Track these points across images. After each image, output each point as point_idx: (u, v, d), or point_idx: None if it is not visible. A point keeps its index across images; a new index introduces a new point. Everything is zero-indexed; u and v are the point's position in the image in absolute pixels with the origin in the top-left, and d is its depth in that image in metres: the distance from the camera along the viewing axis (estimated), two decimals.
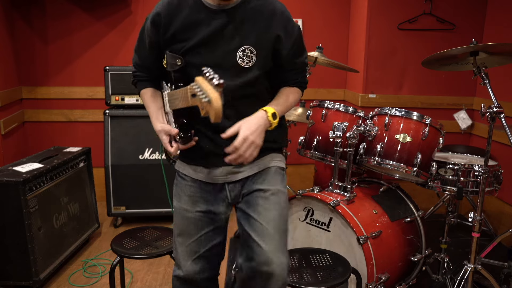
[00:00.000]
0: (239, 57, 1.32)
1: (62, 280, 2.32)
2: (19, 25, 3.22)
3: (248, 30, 1.32)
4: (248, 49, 1.33)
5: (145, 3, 3.29)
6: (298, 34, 1.41)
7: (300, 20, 3.39)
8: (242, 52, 1.32)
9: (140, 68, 1.49)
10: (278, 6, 1.36)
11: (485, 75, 1.76)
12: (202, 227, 1.43)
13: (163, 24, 1.34)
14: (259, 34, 1.33)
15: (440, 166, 2.09)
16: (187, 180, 1.46)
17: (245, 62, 1.33)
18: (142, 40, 1.43)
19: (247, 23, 1.33)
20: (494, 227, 2.94)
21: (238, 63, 1.33)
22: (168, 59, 1.33)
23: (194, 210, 1.43)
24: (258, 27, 1.33)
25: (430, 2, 3.07)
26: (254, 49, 1.33)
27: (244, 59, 1.33)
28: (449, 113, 3.28)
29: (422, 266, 2.14)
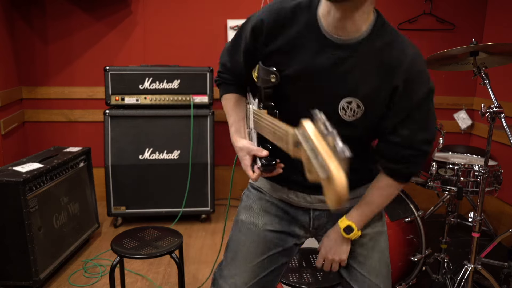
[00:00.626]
0: (341, 108, 1.07)
1: (62, 280, 2.32)
2: (19, 25, 3.21)
3: (362, 78, 1.04)
4: (355, 102, 1.06)
5: (145, 3, 3.29)
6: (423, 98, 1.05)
7: None
8: (347, 103, 1.06)
9: (228, 71, 1.30)
10: (408, 53, 1.03)
11: (485, 75, 1.77)
12: (270, 248, 1.25)
13: (265, 34, 1.10)
14: (374, 86, 1.04)
15: (440, 166, 2.09)
16: (265, 194, 1.30)
17: (347, 115, 1.07)
18: (238, 42, 1.21)
19: (363, 68, 1.04)
20: (494, 227, 2.94)
21: (338, 113, 1.07)
22: (260, 73, 1.10)
23: (266, 228, 1.26)
24: (375, 76, 1.04)
25: (430, 2, 3.07)
26: (363, 104, 1.06)
27: (347, 111, 1.07)
28: (449, 113, 3.28)
29: (422, 266, 2.14)
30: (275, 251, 1.26)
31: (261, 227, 1.27)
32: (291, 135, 0.82)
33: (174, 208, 2.96)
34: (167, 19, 3.32)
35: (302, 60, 1.06)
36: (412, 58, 1.03)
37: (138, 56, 3.32)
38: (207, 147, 2.97)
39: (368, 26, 1.03)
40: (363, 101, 1.06)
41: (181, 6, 3.31)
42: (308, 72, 1.06)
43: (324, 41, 1.04)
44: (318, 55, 1.05)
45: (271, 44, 1.10)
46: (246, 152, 1.16)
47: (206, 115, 2.96)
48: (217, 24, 3.35)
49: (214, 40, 3.38)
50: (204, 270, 2.45)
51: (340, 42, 1.03)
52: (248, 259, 1.23)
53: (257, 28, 1.10)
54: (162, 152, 2.93)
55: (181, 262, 1.81)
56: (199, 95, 2.94)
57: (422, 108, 1.06)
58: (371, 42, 1.03)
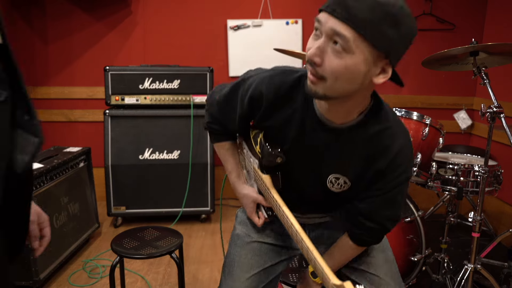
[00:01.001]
0: (329, 181, 1.12)
1: (62, 280, 2.32)
2: (19, 25, 3.21)
3: (350, 161, 1.08)
4: (342, 178, 1.11)
5: (145, 3, 3.29)
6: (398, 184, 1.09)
7: (300, 20, 3.39)
8: (335, 178, 1.11)
9: (218, 123, 1.29)
10: (396, 145, 1.05)
11: (485, 75, 1.76)
12: (266, 261, 1.26)
13: (263, 108, 1.12)
14: (361, 169, 1.08)
15: (440, 166, 2.09)
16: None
17: (334, 187, 1.13)
18: (232, 104, 1.20)
19: (353, 152, 1.07)
20: (494, 227, 2.94)
21: (326, 185, 1.13)
22: (265, 153, 1.13)
23: (262, 241, 1.28)
24: (363, 161, 1.07)
25: (430, 2, 3.07)
26: (350, 181, 1.11)
27: (334, 184, 1.12)
28: (449, 113, 3.28)
29: (422, 266, 2.14)
30: (272, 263, 1.27)
31: (257, 239, 1.29)
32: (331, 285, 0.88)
33: (174, 208, 2.96)
34: (167, 19, 3.32)
35: (296, 137, 1.10)
36: (398, 150, 1.05)
37: (138, 56, 3.32)
38: (207, 147, 2.97)
39: (361, 113, 1.04)
40: (350, 179, 1.11)
41: (181, 6, 3.31)
42: (300, 148, 1.11)
43: (317, 123, 1.07)
44: (311, 135, 1.08)
45: (269, 119, 1.13)
46: (251, 200, 1.24)
47: None
48: (217, 24, 3.35)
49: (214, 40, 3.38)
50: (204, 270, 2.45)
51: (332, 126, 1.05)
52: (245, 269, 1.23)
53: (255, 99, 1.11)
54: (162, 152, 2.93)
55: (181, 262, 1.81)
56: (199, 95, 2.94)
57: (394, 192, 1.10)
58: (362, 129, 1.04)
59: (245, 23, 3.36)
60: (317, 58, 0.90)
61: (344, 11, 0.86)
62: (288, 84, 1.08)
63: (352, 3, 0.85)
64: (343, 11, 0.86)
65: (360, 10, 0.85)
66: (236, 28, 3.35)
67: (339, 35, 0.87)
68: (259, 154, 1.17)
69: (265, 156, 1.14)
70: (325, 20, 0.89)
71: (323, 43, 0.90)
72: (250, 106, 1.13)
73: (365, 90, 0.99)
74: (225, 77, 3.43)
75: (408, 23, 0.89)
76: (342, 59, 0.89)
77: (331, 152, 1.09)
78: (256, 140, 1.18)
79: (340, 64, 0.89)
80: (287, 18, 3.38)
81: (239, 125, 1.22)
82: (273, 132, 1.14)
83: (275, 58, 3.24)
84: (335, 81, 0.91)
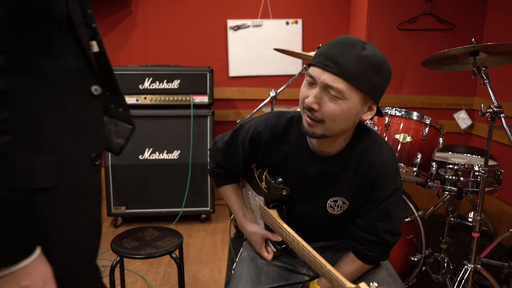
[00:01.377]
0: (329, 206, 1.25)
1: None
2: None
3: (344, 182, 1.21)
4: (340, 200, 1.24)
5: (145, 3, 3.29)
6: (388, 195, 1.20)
7: (300, 20, 3.39)
8: (333, 202, 1.25)
9: (222, 168, 1.41)
10: (380, 157, 1.19)
11: (485, 75, 1.76)
12: (274, 280, 1.29)
13: (263, 147, 1.25)
14: (355, 186, 1.21)
15: (440, 166, 2.09)
16: None
17: (335, 211, 1.26)
18: (233, 149, 1.33)
19: (345, 174, 1.21)
20: (494, 227, 2.94)
21: (327, 210, 1.26)
22: (271, 187, 1.25)
23: (271, 263, 1.34)
24: (355, 178, 1.20)
25: (430, 2, 3.07)
26: (347, 200, 1.24)
27: (334, 208, 1.26)
28: (449, 113, 3.28)
29: (422, 266, 2.14)
30: (278, 285, 1.29)
31: (264, 260, 1.34)
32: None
33: (174, 208, 2.96)
34: (167, 19, 3.32)
35: (295, 171, 1.24)
36: (383, 160, 1.18)
37: (138, 56, 3.32)
38: (207, 147, 2.97)
39: (347, 141, 1.19)
40: (347, 198, 1.23)
41: (181, 6, 3.31)
42: (300, 179, 1.24)
43: (311, 155, 1.21)
44: (307, 166, 1.22)
45: (268, 158, 1.26)
46: (259, 237, 1.32)
47: (206, 115, 2.96)
48: (217, 24, 3.35)
49: (214, 40, 3.38)
50: (204, 270, 2.45)
51: (324, 155, 1.20)
52: (251, 285, 1.25)
53: (255, 139, 1.25)
54: (162, 152, 2.93)
55: (181, 262, 1.81)
56: (199, 95, 2.94)
57: (386, 203, 1.20)
58: (349, 152, 1.19)
59: (245, 23, 3.36)
60: (316, 105, 1.05)
61: (335, 66, 1.01)
62: (282, 124, 1.23)
63: (342, 59, 1.01)
64: (334, 66, 1.01)
65: (349, 64, 1.01)
66: (236, 28, 3.35)
67: (333, 88, 1.02)
68: (265, 190, 1.27)
69: (271, 190, 1.25)
70: (318, 75, 1.04)
71: (319, 93, 1.05)
72: (251, 146, 1.26)
73: (354, 125, 1.15)
74: (225, 77, 3.43)
75: (387, 69, 1.07)
76: (338, 104, 1.04)
77: (326, 178, 1.22)
78: (261, 177, 1.29)
79: (336, 109, 1.05)
80: (287, 18, 3.38)
81: (242, 166, 1.34)
82: (274, 168, 1.26)
83: (275, 58, 3.25)
84: (333, 122, 1.07)
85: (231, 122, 3.40)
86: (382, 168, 1.18)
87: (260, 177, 1.29)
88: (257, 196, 1.35)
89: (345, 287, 0.97)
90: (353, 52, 1.02)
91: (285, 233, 1.23)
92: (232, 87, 3.46)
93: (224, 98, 3.45)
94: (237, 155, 1.32)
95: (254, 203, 1.38)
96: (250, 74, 3.45)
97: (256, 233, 1.33)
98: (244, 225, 1.37)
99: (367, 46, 1.04)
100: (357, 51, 1.02)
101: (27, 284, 0.65)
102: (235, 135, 1.32)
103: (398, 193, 1.22)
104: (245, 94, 3.46)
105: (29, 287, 0.65)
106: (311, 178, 1.22)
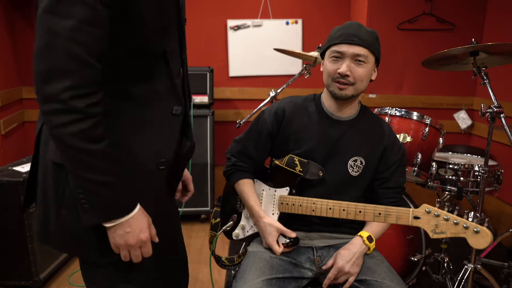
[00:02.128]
0: (350, 166, 1.42)
1: (62, 280, 2.32)
2: (19, 25, 3.21)
3: (361, 142, 1.43)
4: (359, 159, 1.43)
5: None
6: (403, 154, 1.48)
7: (300, 20, 3.39)
8: (353, 161, 1.43)
9: (243, 157, 1.52)
10: (385, 125, 1.50)
11: (485, 75, 1.76)
12: (278, 271, 1.34)
13: (285, 119, 1.45)
14: (369, 148, 1.44)
15: (440, 166, 2.09)
16: None
17: (354, 171, 1.43)
18: (257, 131, 1.49)
19: (361, 136, 1.44)
20: (494, 227, 2.94)
21: (348, 170, 1.42)
22: (309, 168, 1.39)
23: (276, 257, 1.39)
24: (369, 142, 1.44)
25: (430, 2, 3.07)
26: (364, 160, 1.43)
27: (354, 168, 1.43)
28: (449, 113, 3.28)
29: (422, 266, 2.14)
30: (283, 276, 1.34)
31: (270, 254, 1.40)
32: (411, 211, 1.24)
33: None
34: None
35: (315, 136, 1.43)
36: (389, 129, 1.50)
37: None
38: (207, 147, 2.97)
39: (357, 110, 1.47)
40: (365, 158, 1.44)
41: None
42: (322, 143, 1.42)
43: (329, 120, 1.44)
44: (328, 130, 1.43)
45: (290, 127, 1.45)
46: (275, 229, 1.39)
47: (206, 115, 2.97)
48: (217, 24, 3.35)
49: (214, 40, 3.38)
50: (204, 270, 2.45)
51: (341, 119, 1.44)
52: (256, 275, 1.30)
53: (279, 114, 1.45)
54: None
55: None
56: (199, 95, 2.94)
57: (403, 162, 1.49)
58: (360, 119, 1.47)
59: (245, 23, 3.36)
60: (349, 72, 1.35)
61: (359, 39, 1.34)
62: (300, 100, 1.50)
63: (360, 34, 1.34)
64: (358, 40, 1.34)
65: (365, 36, 1.35)
66: (236, 28, 3.35)
67: (361, 55, 1.34)
68: (300, 173, 1.40)
69: (309, 171, 1.39)
70: (346, 49, 1.34)
71: (349, 63, 1.35)
72: (276, 119, 1.46)
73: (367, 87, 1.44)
74: (225, 77, 3.43)
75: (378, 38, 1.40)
76: (364, 67, 1.36)
77: (346, 140, 1.43)
78: (293, 163, 1.42)
79: (363, 71, 1.37)
80: (287, 18, 3.38)
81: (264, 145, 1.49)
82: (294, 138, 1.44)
83: (275, 58, 3.25)
84: (361, 83, 1.38)
85: (231, 122, 3.40)
86: (391, 133, 1.48)
87: (291, 164, 1.42)
88: (277, 189, 1.46)
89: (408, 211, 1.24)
90: (363, 29, 1.36)
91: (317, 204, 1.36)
92: (232, 87, 3.46)
93: (224, 98, 3.45)
94: (260, 136, 1.48)
95: (269, 198, 1.48)
96: (250, 74, 3.45)
97: (272, 225, 1.40)
98: (261, 215, 1.43)
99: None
100: (364, 28, 1.37)
101: (129, 230, 0.98)
102: (256, 121, 1.51)
103: (405, 151, 1.51)
104: (245, 94, 3.46)
105: (130, 233, 0.98)
106: (332, 141, 1.42)
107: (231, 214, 1.57)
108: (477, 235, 1.11)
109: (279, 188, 1.46)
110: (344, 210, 1.31)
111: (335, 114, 1.44)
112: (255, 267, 1.33)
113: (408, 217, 1.23)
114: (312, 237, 1.46)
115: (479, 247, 1.12)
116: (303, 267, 1.41)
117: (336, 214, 1.33)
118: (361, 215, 1.30)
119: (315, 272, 1.42)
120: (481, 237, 1.11)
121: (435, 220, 1.17)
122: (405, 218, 1.23)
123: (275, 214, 1.45)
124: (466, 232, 1.12)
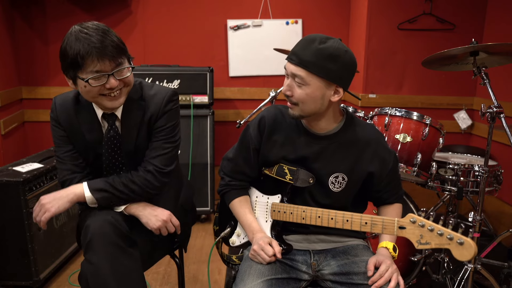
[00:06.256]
0: (330, 182, 1.39)
1: (62, 280, 2.32)
2: (19, 25, 3.21)
3: (342, 158, 1.38)
4: (340, 175, 1.39)
5: (145, 3, 3.29)
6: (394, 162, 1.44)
7: (300, 20, 3.39)
8: (334, 177, 1.39)
9: (236, 174, 1.51)
10: (372, 136, 1.42)
11: (485, 75, 1.76)
12: (276, 272, 1.34)
13: (267, 130, 1.42)
14: (352, 162, 1.39)
15: (440, 166, 2.09)
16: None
17: (335, 187, 1.40)
18: (244, 146, 1.48)
19: (342, 151, 1.39)
20: (494, 227, 2.94)
21: (329, 187, 1.39)
22: (300, 175, 1.37)
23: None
24: (352, 156, 1.39)
25: (430, 2, 3.07)
26: (346, 176, 1.39)
27: (335, 184, 1.40)
28: (449, 113, 3.28)
29: (422, 266, 2.14)
30: (282, 277, 1.34)
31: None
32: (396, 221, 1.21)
33: None
34: (167, 19, 3.32)
35: (297, 150, 1.40)
36: (376, 136, 1.42)
37: (138, 56, 3.32)
38: (207, 147, 2.97)
39: (339, 123, 1.40)
40: (346, 174, 1.39)
41: (181, 6, 3.31)
42: (303, 158, 1.39)
43: (308, 135, 1.40)
44: (307, 145, 1.40)
45: (271, 137, 1.42)
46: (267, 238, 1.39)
47: (206, 115, 2.97)
48: (217, 24, 3.35)
49: (214, 40, 3.38)
50: (204, 270, 2.45)
51: (320, 135, 1.39)
52: (256, 276, 1.31)
53: (261, 123, 1.43)
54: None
55: (181, 262, 1.81)
56: (199, 95, 2.94)
57: (395, 170, 1.46)
58: (342, 133, 1.39)
59: (245, 23, 3.36)
60: (289, 92, 1.32)
61: (297, 58, 1.27)
62: (280, 113, 1.45)
63: (301, 52, 1.26)
64: (296, 58, 1.27)
65: (307, 56, 1.25)
66: (236, 28, 3.35)
67: (297, 76, 1.27)
68: (290, 182, 1.38)
69: (299, 179, 1.37)
70: (288, 67, 1.30)
71: (290, 82, 1.31)
72: (259, 130, 1.44)
73: (330, 107, 1.35)
74: (225, 77, 3.43)
75: (344, 57, 1.26)
76: (303, 89, 1.29)
77: (326, 155, 1.38)
78: (283, 172, 1.40)
79: (302, 93, 1.29)
80: (287, 18, 3.38)
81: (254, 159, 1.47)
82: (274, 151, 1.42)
83: (275, 58, 3.25)
84: (303, 104, 1.31)
85: (231, 122, 3.40)
86: (379, 145, 1.41)
87: (281, 173, 1.41)
88: (270, 196, 1.47)
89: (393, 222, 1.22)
90: (311, 46, 1.25)
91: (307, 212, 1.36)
92: (232, 87, 3.45)
93: (224, 98, 3.45)
94: (249, 151, 1.47)
95: (262, 206, 1.48)
96: (250, 74, 3.45)
97: (265, 236, 1.40)
98: (258, 230, 1.43)
99: (328, 41, 1.26)
100: (315, 45, 1.25)
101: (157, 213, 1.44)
102: (243, 136, 1.49)
103: (396, 157, 1.47)
104: (245, 94, 3.46)
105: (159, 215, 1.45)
106: (312, 156, 1.38)
107: (228, 221, 1.58)
108: (460, 247, 1.09)
109: (271, 196, 1.47)
110: (332, 218, 1.31)
111: (312, 130, 1.40)
112: (253, 269, 1.34)
113: (394, 227, 1.21)
114: (310, 240, 1.46)
115: (463, 259, 1.10)
116: (300, 270, 1.40)
117: (324, 222, 1.33)
118: (348, 224, 1.29)
119: (312, 276, 1.41)
120: (464, 249, 1.08)
121: (420, 231, 1.15)
122: (391, 228, 1.22)
123: (268, 222, 1.45)
124: (450, 243, 1.10)
